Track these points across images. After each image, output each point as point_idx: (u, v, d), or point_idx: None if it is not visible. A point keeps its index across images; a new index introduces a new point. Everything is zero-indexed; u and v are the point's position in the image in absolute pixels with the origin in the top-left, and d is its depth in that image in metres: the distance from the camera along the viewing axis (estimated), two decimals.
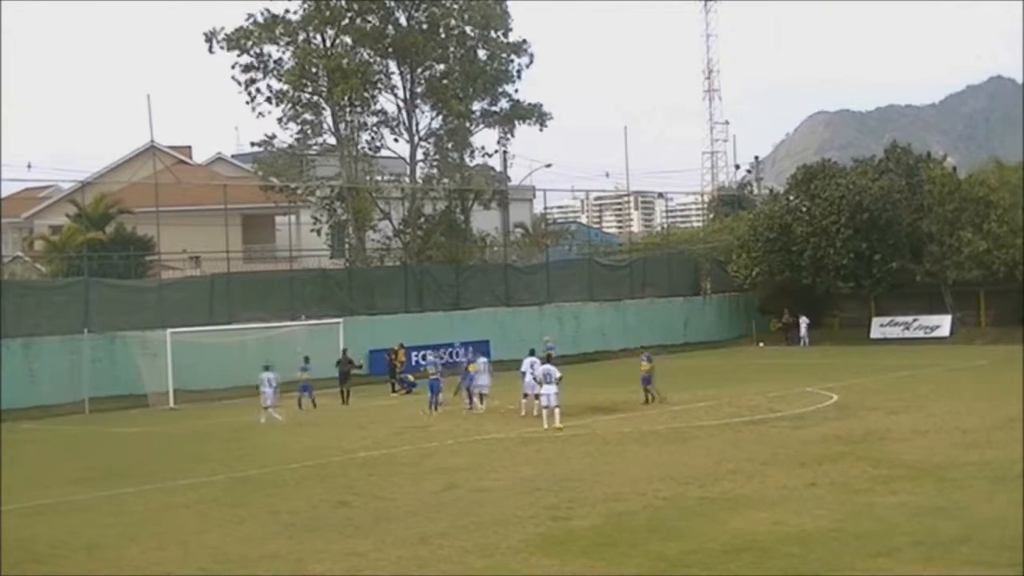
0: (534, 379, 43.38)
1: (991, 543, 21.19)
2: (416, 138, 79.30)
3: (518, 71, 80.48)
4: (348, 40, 76.75)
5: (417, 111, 79.25)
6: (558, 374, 41.59)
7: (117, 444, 43.14)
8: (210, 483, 32.30)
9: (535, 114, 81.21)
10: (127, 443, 43.06)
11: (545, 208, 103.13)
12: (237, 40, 74.88)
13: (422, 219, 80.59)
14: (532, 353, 46.67)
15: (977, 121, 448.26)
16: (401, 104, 78.92)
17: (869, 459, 30.91)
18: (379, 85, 78.14)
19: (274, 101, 76.17)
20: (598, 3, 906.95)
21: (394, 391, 57.07)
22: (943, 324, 76.81)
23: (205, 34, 75.03)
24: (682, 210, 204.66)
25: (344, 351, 56.76)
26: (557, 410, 40.91)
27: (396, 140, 79.98)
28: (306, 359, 51.43)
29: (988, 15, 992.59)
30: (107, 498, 30.42)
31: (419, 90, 79.10)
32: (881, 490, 26.63)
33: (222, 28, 75.16)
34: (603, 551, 22.07)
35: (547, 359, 44.36)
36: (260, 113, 76.46)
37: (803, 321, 78.24)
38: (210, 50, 75.04)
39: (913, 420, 38.97)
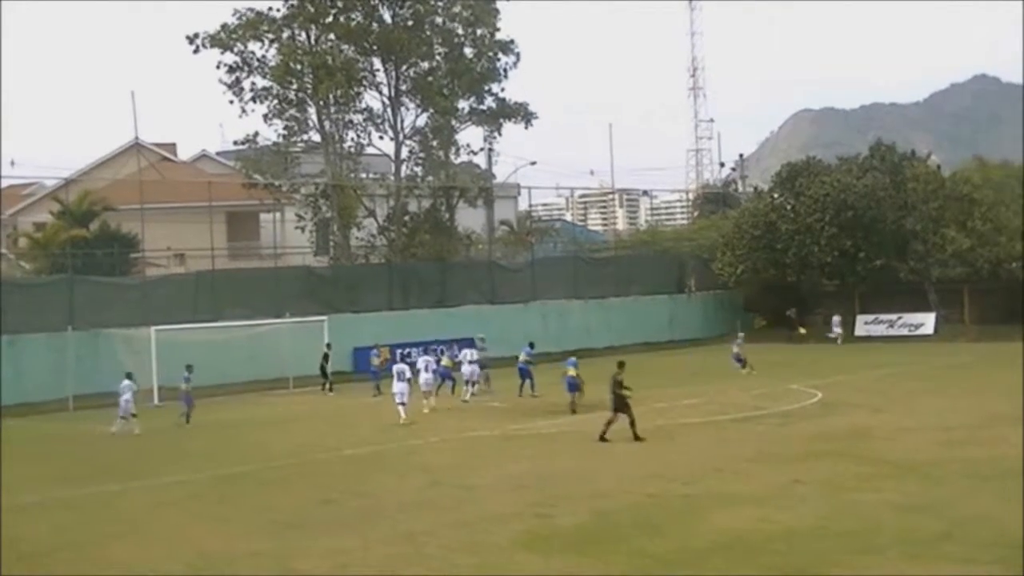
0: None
1: (975, 540, 21.30)
2: (401, 135, 79.21)
3: (505, 70, 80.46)
4: (333, 37, 76.62)
5: (402, 109, 79.18)
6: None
7: (102, 442, 43.02)
8: (195, 481, 32.29)
9: (521, 113, 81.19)
10: (112, 441, 42.94)
11: (530, 206, 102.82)
12: (221, 38, 74.73)
13: (407, 216, 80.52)
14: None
15: (961, 119, 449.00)
16: (386, 101, 78.86)
17: (853, 457, 31.01)
18: (364, 82, 78.02)
19: (259, 99, 76.04)
20: (584, 1, 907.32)
21: (379, 391, 56.72)
22: (927, 322, 76.88)
23: (188, 37, 74.87)
24: (667, 208, 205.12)
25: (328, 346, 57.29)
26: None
27: (381, 137, 79.98)
28: (189, 367, 48.22)
29: (972, 14, 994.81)
30: (92, 496, 30.38)
31: (404, 87, 78.99)
32: (865, 487, 26.72)
33: (205, 31, 74.97)
34: (588, 548, 22.11)
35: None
36: (245, 110, 76.36)
37: (836, 319, 77.60)
38: (195, 51, 74.90)
39: (897, 418, 39.06)
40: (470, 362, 51.27)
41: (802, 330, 76.92)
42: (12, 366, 54.64)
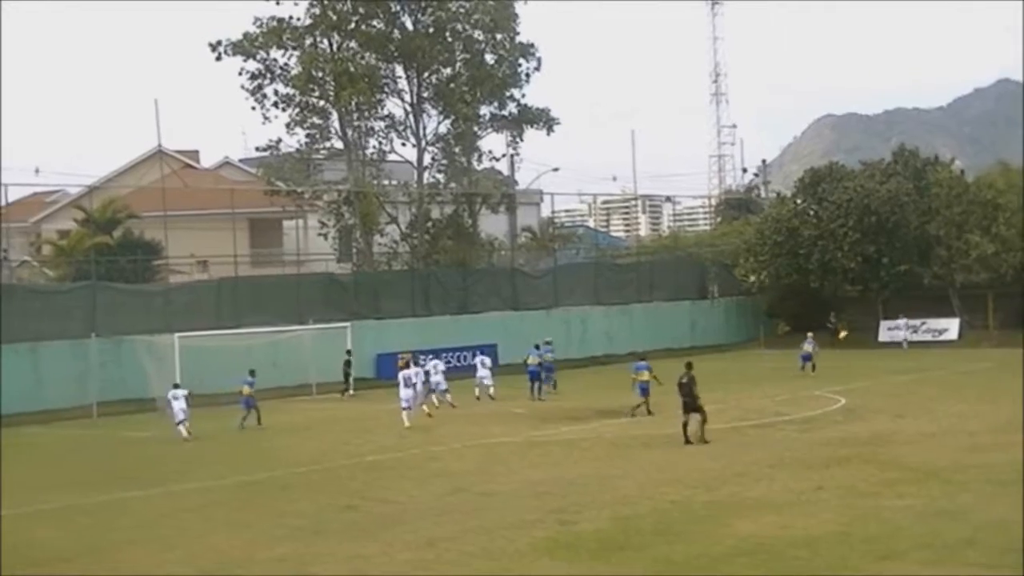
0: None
1: (997, 546, 21.19)
2: (423, 142, 79.30)
3: (526, 75, 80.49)
4: (354, 45, 76.72)
5: (424, 115, 79.28)
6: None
7: (124, 448, 43.18)
8: (216, 487, 32.33)
9: (543, 119, 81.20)
10: (134, 447, 43.09)
11: (552, 212, 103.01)
12: (243, 46, 74.87)
13: (429, 223, 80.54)
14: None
15: (984, 124, 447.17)
16: (408, 108, 78.94)
17: (876, 462, 30.93)
18: (386, 89, 78.19)
19: (281, 106, 76.17)
20: (604, 5, 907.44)
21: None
22: (951, 327, 76.71)
23: (211, 44, 75.02)
24: (689, 214, 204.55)
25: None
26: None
27: (403, 144, 80.00)
28: (252, 372, 48.99)
29: (995, 17, 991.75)
30: (112, 502, 30.44)
31: (426, 94, 79.09)
32: (887, 493, 26.63)
33: (228, 39, 75.09)
34: (610, 555, 22.08)
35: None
36: (267, 118, 76.49)
37: (903, 321, 77.28)
38: (217, 59, 75.05)
39: (919, 423, 38.98)
40: (437, 372, 51.53)
41: (843, 335, 76.73)
42: (35, 373, 54.81)
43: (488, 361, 53.98)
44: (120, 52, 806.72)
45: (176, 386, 46.55)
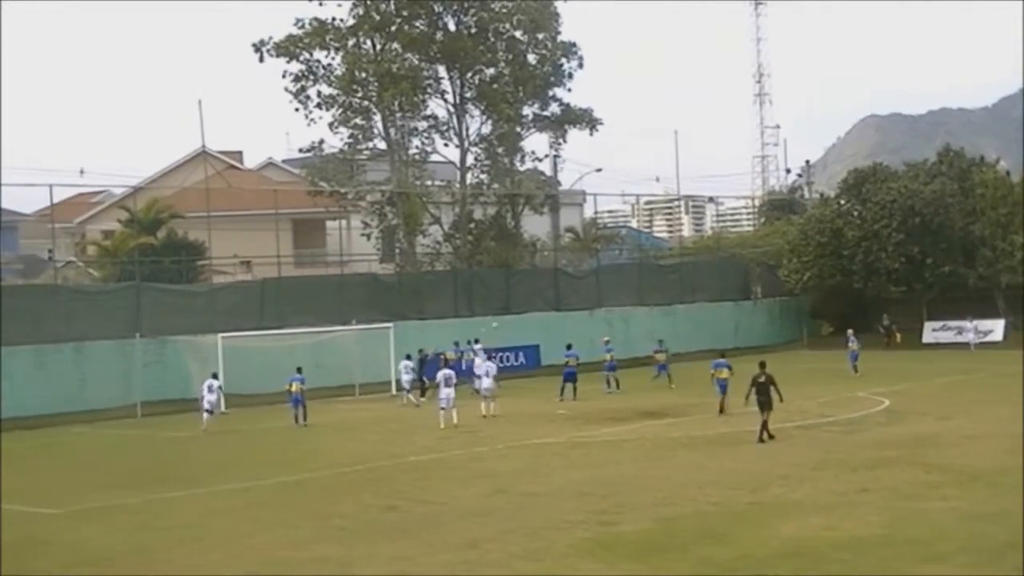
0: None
1: None
2: (466, 143, 79.35)
3: (568, 74, 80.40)
4: (397, 46, 76.83)
5: (467, 116, 79.31)
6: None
7: (167, 448, 43.39)
8: (260, 487, 32.42)
9: (585, 119, 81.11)
10: (177, 447, 43.28)
11: (595, 212, 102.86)
12: (287, 48, 75.08)
13: (472, 224, 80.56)
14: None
15: None
16: (451, 109, 79.04)
17: (920, 464, 30.82)
18: (429, 90, 78.31)
19: (324, 106, 76.33)
20: (648, 5, 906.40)
21: (423, 395, 56.65)
22: (996, 328, 76.19)
23: (254, 44, 75.30)
24: (732, 214, 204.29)
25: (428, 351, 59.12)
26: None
27: (446, 145, 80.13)
28: (299, 369, 49.78)
29: None
30: (157, 501, 30.57)
31: (469, 95, 79.15)
32: (932, 495, 26.54)
33: (271, 38, 75.30)
34: (652, 556, 22.07)
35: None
36: (311, 119, 76.70)
37: (974, 324, 76.22)
38: (260, 60, 75.33)
39: (964, 425, 38.82)
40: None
41: (897, 338, 76.35)
42: (79, 373, 55.05)
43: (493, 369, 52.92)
44: (165, 53, 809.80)
45: (214, 376, 48.62)
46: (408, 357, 56.01)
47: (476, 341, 61.28)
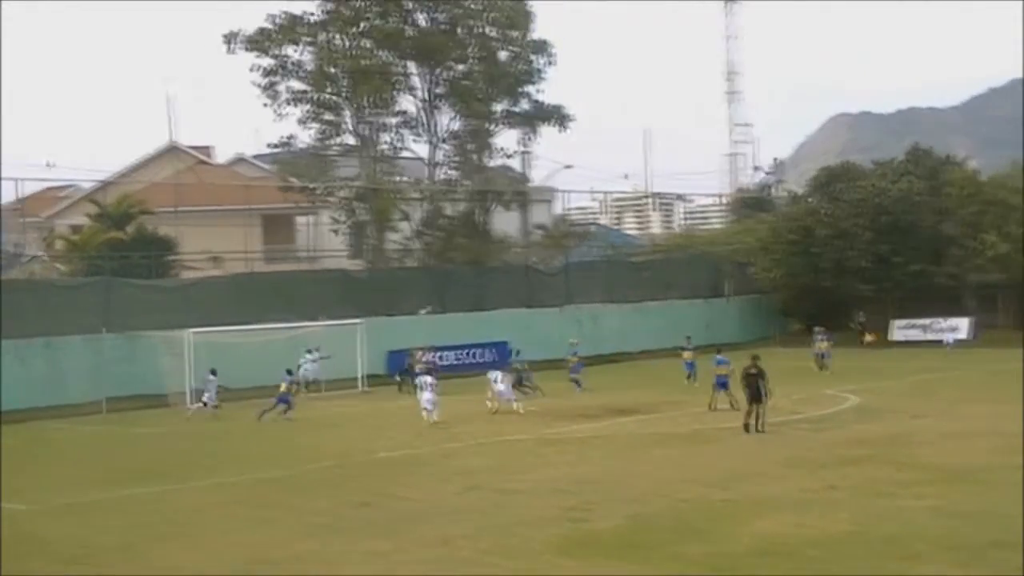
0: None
1: (1018, 547, 21.06)
2: (436, 139, 79.34)
3: (539, 71, 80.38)
4: (368, 42, 76.72)
5: (438, 112, 79.29)
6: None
7: (140, 444, 43.19)
8: (235, 484, 32.29)
9: (556, 115, 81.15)
10: (150, 443, 43.09)
11: (565, 209, 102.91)
12: (258, 42, 74.94)
13: (442, 220, 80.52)
14: None
15: (1000, 124, 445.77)
16: (421, 105, 79.02)
17: (893, 462, 30.88)
18: (399, 86, 78.23)
19: (295, 102, 76.25)
20: (620, 4, 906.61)
21: (400, 390, 56.75)
22: (963, 327, 76.37)
23: (225, 36, 75.21)
24: (702, 212, 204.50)
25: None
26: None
27: (416, 141, 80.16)
28: (289, 372, 50.84)
29: (1012, 16, 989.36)
30: (134, 497, 30.43)
31: (439, 91, 79.11)
32: (905, 493, 26.58)
33: (241, 30, 75.26)
34: (626, 553, 22.06)
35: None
36: (281, 114, 76.58)
37: (950, 323, 76.50)
38: (230, 51, 75.20)
39: (937, 423, 38.93)
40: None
41: (870, 337, 76.43)
42: (49, 367, 54.67)
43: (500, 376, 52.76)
44: (135, 47, 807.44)
45: (213, 372, 49.73)
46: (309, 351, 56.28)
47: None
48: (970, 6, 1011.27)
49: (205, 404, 49.13)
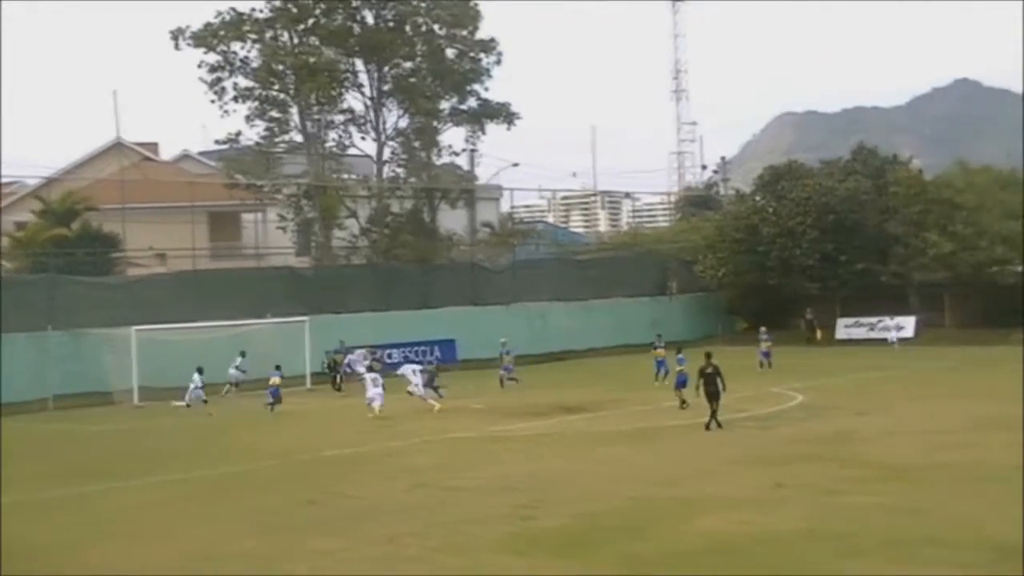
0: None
1: (961, 544, 21.29)
2: (383, 136, 79.20)
3: (487, 69, 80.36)
4: (315, 39, 76.57)
5: (384, 109, 79.12)
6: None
7: (84, 442, 42.94)
8: (180, 481, 32.18)
9: (503, 113, 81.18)
10: (94, 441, 42.86)
11: (512, 207, 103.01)
12: (204, 38, 74.66)
13: (389, 218, 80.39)
14: None
15: (944, 123, 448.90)
16: (368, 102, 78.84)
17: (838, 460, 31.01)
18: (346, 83, 78.05)
19: (241, 99, 75.98)
20: (566, 3, 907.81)
21: (338, 389, 56.99)
22: (907, 325, 76.76)
23: (171, 32, 74.90)
24: (649, 210, 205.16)
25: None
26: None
27: (363, 138, 79.90)
28: (278, 367, 51.37)
29: (955, 18, 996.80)
30: (76, 496, 30.27)
31: (386, 88, 78.95)
32: (850, 491, 26.71)
33: (188, 26, 75.01)
34: (573, 551, 22.10)
35: None
36: (227, 111, 76.29)
37: (896, 321, 76.08)
38: (176, 47, 74.92)
39: (880, 421, 39.07)
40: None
41: (819, 335, 76.66)
42: None
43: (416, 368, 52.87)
44: (79, 43, 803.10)
45: (199, 371, 51.17)
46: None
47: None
48: (914, 7, 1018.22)
49: (205, 401, 50.54)
